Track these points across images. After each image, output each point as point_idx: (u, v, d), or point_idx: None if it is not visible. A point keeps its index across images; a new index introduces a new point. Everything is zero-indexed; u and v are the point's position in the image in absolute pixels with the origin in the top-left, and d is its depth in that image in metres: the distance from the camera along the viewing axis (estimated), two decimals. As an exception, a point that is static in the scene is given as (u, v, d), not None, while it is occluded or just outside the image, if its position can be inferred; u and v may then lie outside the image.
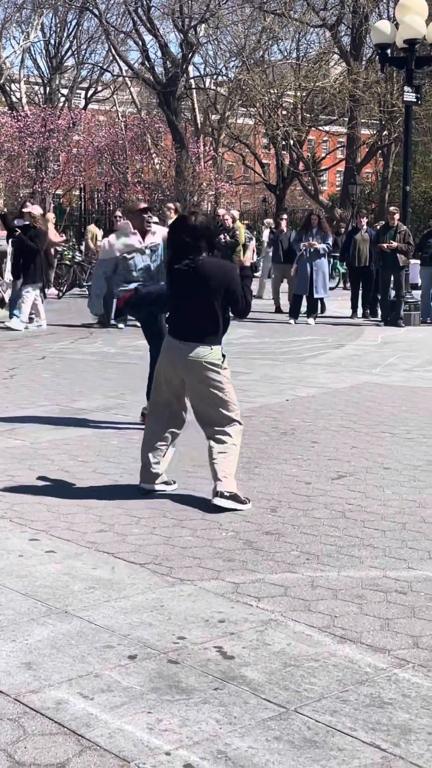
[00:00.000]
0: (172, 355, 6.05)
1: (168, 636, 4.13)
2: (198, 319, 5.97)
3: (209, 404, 6.02)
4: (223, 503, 5.88)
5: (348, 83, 34.35)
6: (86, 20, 44.36)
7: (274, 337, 15.25)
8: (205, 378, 5.95)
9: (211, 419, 6.06)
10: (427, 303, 18.34)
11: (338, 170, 53.34)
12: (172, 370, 6.07)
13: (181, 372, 6.01)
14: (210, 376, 5.95)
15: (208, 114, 44.16)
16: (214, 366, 5.95)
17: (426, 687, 3.71)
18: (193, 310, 5.97)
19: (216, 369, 5.96)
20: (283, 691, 3.66)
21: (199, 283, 5.93)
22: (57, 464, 7.02)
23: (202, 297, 5.93)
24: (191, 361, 5.94)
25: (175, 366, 6.04)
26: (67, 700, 3.56)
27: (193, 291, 5.95)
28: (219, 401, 6.00)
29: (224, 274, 5.96)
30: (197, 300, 5.95)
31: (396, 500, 6.23)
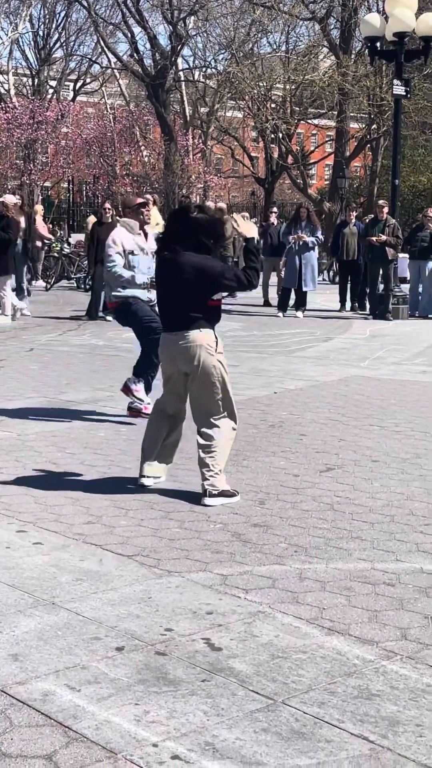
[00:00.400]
0: (167, 350, 6.07)
1: (155, 628, 4.11)
2: (181, 308, 5.96)
3: (204, 390, 5.97)
4: (212, 502, 5.87)
5: (337, 76, 34.31)
6: (75, 12, 44.27)
7: (262, 330, 15.24)
8: (199, 360, 5.91)
9: (203, 407, 6.01)
10: (415, 297, 18.35)
11: (327, 164, 53.32)
12: (171, 365, 6.07)
13: (179, 362, 5.99)
14: (203, 357, 5.91)
15: (197, 106, 44.09)
16: (207, 347, 5.92)
17: (414, 679, 3.71)
18: (176, 300, 5.99)
19: (209, 350, 5.93)
20: (271, 682, 3.66)
21: (177, 275, 5.94)
22: (44, 456, 7.00)
23: (181, 288, 5.93)
24: (183, 346, 5.92)
25: (173, 358, 6.02)
26: (54, 692, 3.54)
27: (174, 281, 5.97)
28: (212, 386, 5.96)
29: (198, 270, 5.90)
30: (178, 290, 5.96)
31: (384, 493, 6.22)
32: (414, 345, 13.88)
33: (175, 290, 5.97)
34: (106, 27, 39.67)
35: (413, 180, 44.05)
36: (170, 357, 6.05)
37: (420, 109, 34.20)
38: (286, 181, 50.22)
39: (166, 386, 6.20)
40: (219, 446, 5.97)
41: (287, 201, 51.24)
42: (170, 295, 6.02)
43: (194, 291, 5.91)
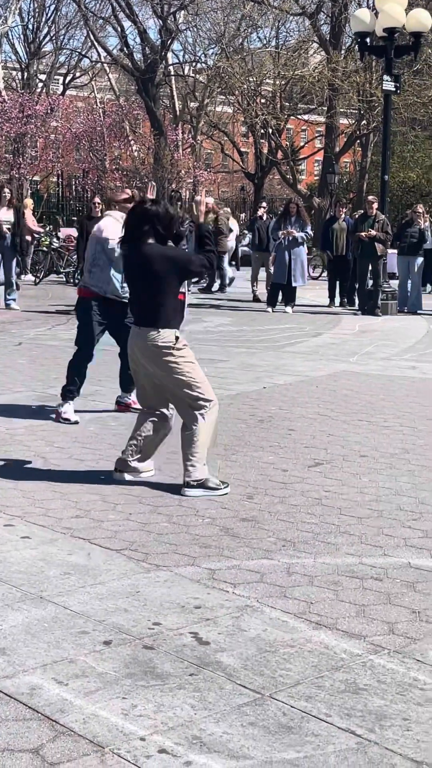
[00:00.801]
0: (131, 348, 6.11)
1: (143, 622, 4.11)
2: (147, 302, 5.99)
3: (174, 388, 6.02)
4: (192, 492, 5.88)
5: (327, 72, 34.31)
6: (65, 5, 44.20)
7: (251, 326, 15.24)
8: (161, 362, 5.95)
9: (180, 402, 6.06)
10: (404, 292, 18.38)
11: (317, 159, 53.36)
12: (135, 362, 6.13)
13: (142, 361, 6.04)
14: (165, 359, 5.94)
15: (187, 101, 44.02)
16: (166, 349, 5.94)
17: (401, 673, 3.71)
18: (142, 293, 6.01)
19: (168, 351, 5.94)
20: (259, 677, 3.66)
21: (143, 268, 5.96)
22: (33, 450, 6.98)
23: (151, 279, 5.94)
24: (144, 347, 5.98)
25: (136, 358, 6.08)
26: (41, 686, 3.54)
27: (139, 275, 6.00)
28: (181, 383, 5.97)
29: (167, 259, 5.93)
30: (143, 284, 5.99)
31: (372, 488, 6.23)
32: (403, 340, 13.90)
33: (144, 282, 5.98)
34: (96, 21, 39.61)
35: (402, 176, 44.08)
36: (134, 356, 6.11)
37: (409, 105, 34.18)
38: (275, 177, 50.21)
39: (137, 379, 6.24)
40: (198, 438, 5.98)
41: (276, 196, 51.22)
42: (139, 289, 6.04)
43: (163, 282, 5.92)
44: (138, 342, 6.02)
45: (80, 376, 8.13)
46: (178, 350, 5.98)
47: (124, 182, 33.61)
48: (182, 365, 5.97)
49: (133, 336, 6.11)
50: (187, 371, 5.98)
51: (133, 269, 6.07)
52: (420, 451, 7.24)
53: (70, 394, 8.05)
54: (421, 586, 4.58)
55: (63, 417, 7.92)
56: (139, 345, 6.01)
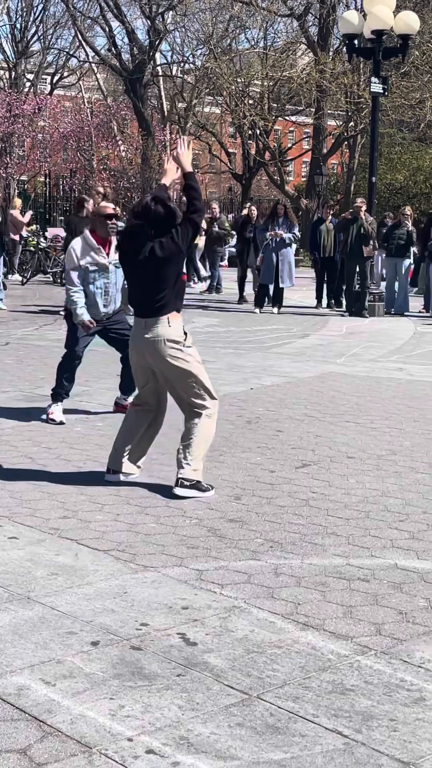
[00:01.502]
0: (138, 341, 6.06)
1: (131, 622, 4.12)
2: (151, 292, 5.94)
3: (177, 384, 6.03)
4: (182, 492, 5.89)
5: (315, 73, 34.33)
6: (53, 5, 44.09)
7: (239, 326, 15.25)
8: (168, 357, 5.94)
9: (182, 399, 6.08)
10: (391, 294, 18.42)
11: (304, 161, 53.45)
12: (139, 357, 6.08)
13: (148, 356, 6.00)
14: (172, 354, 5.94)
15: (175, 102, 44.00)
16: (175, 343, 5.94)
17: (388, 674, 3.73)
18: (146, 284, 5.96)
19: (177, 347, 5.94)
20: (246, 677, 3.67)
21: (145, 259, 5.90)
22: (20, 450, 6.98)
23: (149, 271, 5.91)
24: (153, 341, 5.93)
25: (142, 353, 6.03)
26: (28, 686, 3.54)
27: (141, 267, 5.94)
28: (185, 379, 5.99)
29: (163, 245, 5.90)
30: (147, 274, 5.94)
31: (359, 489, 6.25)
32: (390, 342, 13.93)
33: (147, 273, 5.93)
34: (84, 21, 39.57)
35: (390, 177, 44.16)
36: (139, 351, 6.06)
37: (397, 107, 34.24)
38: (263, 177, 50.21)
39: (137, 377, 6.21)
40: (197, 438, 5.99)
41: (264, 197, 51.24)
42: (142, 280, 5.99)
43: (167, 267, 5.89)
44: (146, 335, 5.96)
45: (69, 379, 8.12)
46: (187, 347, 5.99)
47: (111, 182, 33.60)
48: (189, 361, 5.98)
49: (139, 329, 6.03)
50: (193, 368, 6.00)
51: (133, 264, 6.02)
52: (407, 452, 7.27)
53: (59, 396, 8.03)
54: (407, 587, 4.60)
55: (50, 417, 7.91)
56: (147, 339, 5.95)
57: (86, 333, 8.03)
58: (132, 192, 33.06)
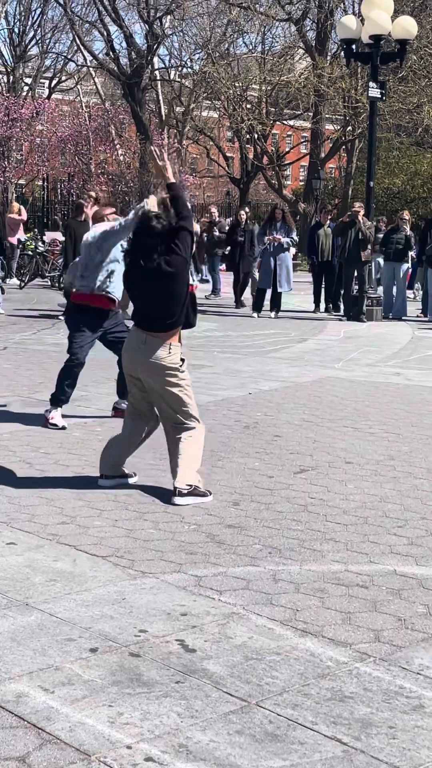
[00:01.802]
0: (131, 352, 6.03)
1: (129, 629, 4.11)
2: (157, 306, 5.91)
3: (167, 404, 6.02)
4: (181, 501, 5.88)
5: (313, 78, 34.37)
6: (51, 9, 44.14)
7: (237, 331, 15.25)
8: (162, 380, 5.93)
9: (170, 416, 6.07)
10: (389, 298, 18.43)
11: (302, 165, 53.46)
12: (132, 367, 6.04)
13: (141, 372, 5.98)
14: (167, 379, 5.93)
15: (173, 106, 44.05)
16: (171, 369, 5.93)
17: (387, 681, 3.72)
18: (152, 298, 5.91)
19: (173, 372, 5.94)
20: (245, 684, 3.66)
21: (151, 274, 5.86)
22: (18, 455, 6.97)
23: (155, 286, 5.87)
24: (147, 361, 5.91)
25: (136, 365, 6.00)
26: (27, 694, 3.53)
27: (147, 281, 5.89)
28: (176, 402, 5.99)
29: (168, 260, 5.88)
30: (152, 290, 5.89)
31: (358, 494, 6.25)
32: (387, 347, 13.93)
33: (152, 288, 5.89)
34: (82, 25, 39.59)
35: (387, 182, 44.25)
36: (132, 359, 6.02)
37: (395, 112, 34.30)
38: (261, 182, 50.26)
39: (127, 380, 6.19)
40: (189, 445, 5.98)
41: (262, 201, 51.30)
42: (148, 294, 5.93)
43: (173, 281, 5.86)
44: (144, 353, 5.91)
45: (71, 385, 8.10)
46: (182, 372, 5.98)
47: (109, 186, 33.62)
48: (183, 387, 5.98)
49: (138, 341, 5.97)
50: (185, 393, 6.00)
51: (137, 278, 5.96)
52: (405, 458, 7.26)
53: (58, 401, 8.03)
54: (406, 593, 4.59)
55: (51, 422, 7.91)
56: (145, 357, 5.91)
57: None
58: (130, 196, 33.08)
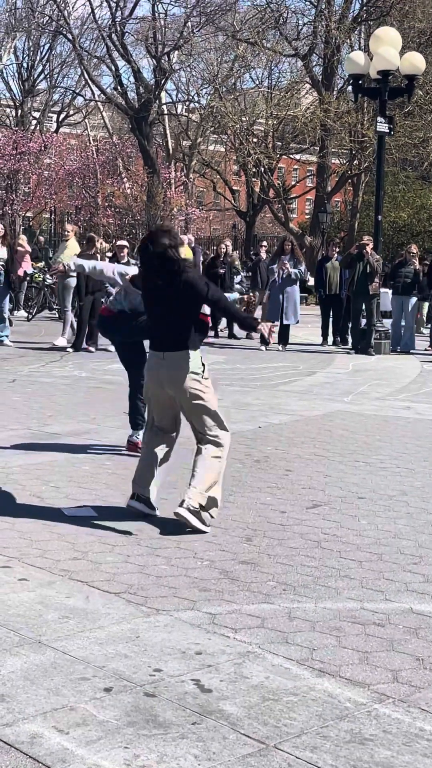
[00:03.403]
0: (153, 374, 6.16)
1: (144, 668, 4.05)
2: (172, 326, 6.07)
3: (192, 413, 6.13)
4: (183, 513, 5.88)
5: (319, 112, 34.61)
6: (59, 44, 44.58)
7: (245, 364, 15.23)
8: (186, 386, 6.04)
9: (196, 429, 6.18)
10: (397, 332, 18.42)
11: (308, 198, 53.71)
12: (158, 389, 6.15)
13: (167, 387, 6.08)
14: (191, 384, 6.04)
15: (180, 140, 44.32)
16: (194, 374, 6.05)
17: (407, 723, 3.66)
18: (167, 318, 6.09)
19: (196, 378, 6.05)
20: (263, 726, 3.60)
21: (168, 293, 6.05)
22: (29, 490, 6.92)
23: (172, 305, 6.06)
24: (172, 371, 6.04)
25: (161, 383, 6.11)
26: (41, 734, 3.47)
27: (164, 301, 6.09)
28: (200, 410, 6.10)
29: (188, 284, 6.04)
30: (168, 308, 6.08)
31: (371, 530, 6.19)
32: (396, 380, 13.90)
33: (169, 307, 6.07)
34: (90, 60, 39.91)
35: (394, 215, 44.39)
36: (158, 381, 6.14)
37: (401, 146, 34.50)
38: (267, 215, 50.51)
39: (153, 407, 6.29)
40: (203, 470, 6.02)
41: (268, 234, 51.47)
42: (164, 314, 6.10)
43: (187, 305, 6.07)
44: (165, 366, 6.07)
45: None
46: (205, 378, 6.11)
47: (116, 219, 33.75)
48: (206, 392, 6.10)
49: (157, 360, 6.13)
50: (209, 399, 6.11)
51: (155, 296, 6.14)
52: (418, 493, 7.21)
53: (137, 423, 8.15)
54: (423, 632, 4.53)
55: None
56: (166, 369, 6.06)
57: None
58: (137, 229, 33.20)
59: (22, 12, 40.53)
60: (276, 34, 37.42)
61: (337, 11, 36.73)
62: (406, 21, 33.91)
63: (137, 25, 37.27)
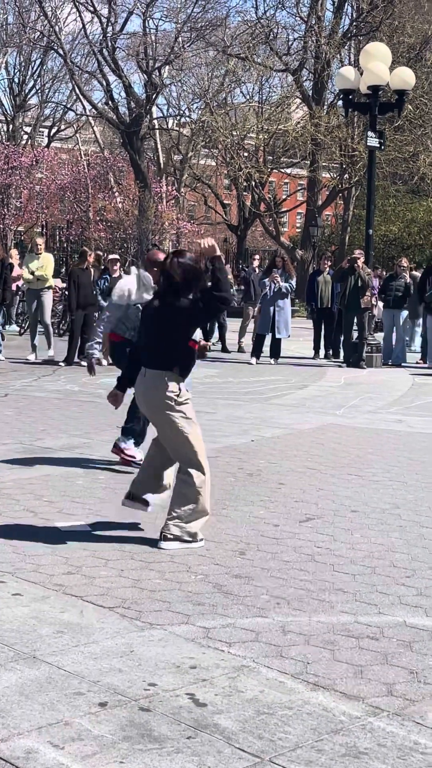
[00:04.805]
0: (138, 389, 6.19)
1: (139, 683, 4.05)
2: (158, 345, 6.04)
3: (167, 438, 6.08)
4: (166, 546, 5.91)
5: (310, 127, 34.78)
6: (50, 59, 44.72)
7: (237, 377, 15.25)
8: (159, 411, 6.00)
9: (174, 455, 6.11)
10: (389, 345, 18.46)
11: (299, 212, 53.85)
12: (140, 404, 6.25)
13: (143, 405, 6.15)
14: (164, 410, 5.98)
15: (171, 154, 44.47)
16: (168, 399, 5.97)
17: (401, 736, 3.66)
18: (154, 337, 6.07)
19: (170, 402, 5.97)
20: (258, 740, 3.60)
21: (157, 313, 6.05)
22: (22, 504, 6.92)
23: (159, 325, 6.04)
24: (147, 392, 6.06)
25: (141, 401, 6.19)
26: (37, 749, 3.47)
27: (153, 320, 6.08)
28: (174, 436, 6.02)
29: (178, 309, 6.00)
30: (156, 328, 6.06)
31: (365, 544, 6.20)
32: (388, 393, 13.93)
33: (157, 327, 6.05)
34: (81, 75, 40.02)
35: (384, 229, 44.56)
36: (138, 395, 6.23)
37: (391, 160, 34.69)
38: (258, 228, 50.63)
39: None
40: (183, 493, 5.99)
41: (259, 248, 51.62)
42: (151, 333, 6.09)
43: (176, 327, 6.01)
44: (143, 385, 6.09)
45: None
46: (179, 404, 5.99)
47: (108, 233, 33.79)
48: (178, 419, 5.98)
49: (139, 379, 6.14)
50: (183, 426, 5.99)
51: (148, 312, 6.18)
52: (410, 506, 7.23)
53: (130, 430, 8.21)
54: (417, 645, 4.54)
55: (128, 455, 8.12)
56: (143, 389, 6.08)
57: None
58: (128, 243, 33.25)
59: (13, 27, 40.67)
60: (266, 50, 37.65)
61: (327, 27, 36.99)
62: (396, 36, 34.12)
63: (128, 41, 37.44)
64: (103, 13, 35.25)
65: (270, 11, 38.50)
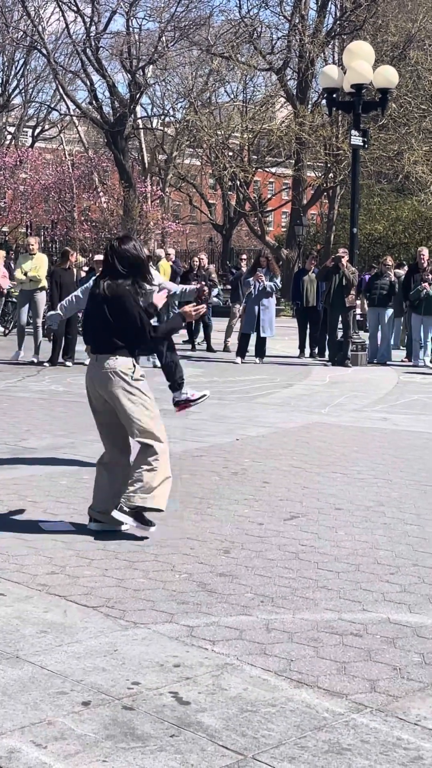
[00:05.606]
0: (90, 376, 6.21)
1: (122, 681, 4.04)
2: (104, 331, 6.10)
3: (124, 416, 6.07)
4: (117, 515, 5.94)
5: (294, 126, 34.81)
6: (34, 59, 44.66)
7: (222, 377, 15.25)
8: (115, 388, 6.02)
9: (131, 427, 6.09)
10: (374, 344, 18.49)
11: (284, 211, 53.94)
12: (93, 391, 6.20)
13: (99, 389, 6.12)
14: (120, 386, 6.02)
15: (156, 154, 44.45)
16: (122, 375, 6.02)
17: (384, 732, 3.67)
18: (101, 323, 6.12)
19: (125, 378, 6.02)
20: (241, 737, 3.60)
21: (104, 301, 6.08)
22: (6, 504, 6.91)
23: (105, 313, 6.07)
24: (100, 374, 6.07)
25: (95, 386, 6.16)
26: (19, 749, 3.46)
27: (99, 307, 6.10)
28: (131, 411, 6.03)
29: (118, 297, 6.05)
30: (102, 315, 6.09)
31: (349, 541, 6.21)
32: (373, 392, 13.96)
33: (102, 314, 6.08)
34: (65, 74, 39.97)
35: (369, 228, 44.64)
36: (91, 382, 6.20)
37: (375, 159, 34.76)
38: (243, 228, 50.64)
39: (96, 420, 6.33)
40: (143, 467, 6.01)
41: (245, 247, 51.64)
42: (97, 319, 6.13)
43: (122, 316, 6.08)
44: (95, 370, 6.12)
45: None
46: (135, 380, 6.06)
47: (93, 233, 33.75)
48: (136, 394, 6.03)
49: (90, 366, 6.22)
50: (140, 401, 6.04)
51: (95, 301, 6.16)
52: (395, 503, 7.24)
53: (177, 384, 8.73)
54: (401, 642, 4.55)
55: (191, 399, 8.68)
56: (96, 372, 6.11)
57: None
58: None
59: (-4, 27, 40.56)
60: (250, 49, 37.70)
61: (310, 26, 37.03)
62: (379, 35, 34.20)
63: (112, 40, 37.41)
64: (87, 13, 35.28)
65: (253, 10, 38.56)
